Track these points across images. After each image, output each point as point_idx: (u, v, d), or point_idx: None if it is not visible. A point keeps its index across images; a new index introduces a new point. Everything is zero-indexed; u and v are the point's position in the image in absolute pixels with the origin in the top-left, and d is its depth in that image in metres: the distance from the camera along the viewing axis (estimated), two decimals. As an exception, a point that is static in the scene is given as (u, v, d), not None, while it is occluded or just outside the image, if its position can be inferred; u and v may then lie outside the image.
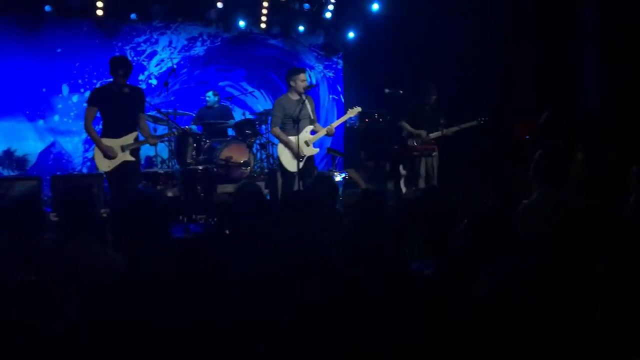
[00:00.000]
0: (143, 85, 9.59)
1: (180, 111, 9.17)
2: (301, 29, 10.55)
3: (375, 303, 2.34)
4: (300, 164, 6.81)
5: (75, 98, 9.58)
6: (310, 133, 6.96)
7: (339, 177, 8.47)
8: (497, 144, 8.61)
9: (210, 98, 9.37)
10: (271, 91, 10.59)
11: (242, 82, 10.60)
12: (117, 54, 8.05)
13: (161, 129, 8.68)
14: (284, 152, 6.88)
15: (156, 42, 10.07)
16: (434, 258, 3.13)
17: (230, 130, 9.30)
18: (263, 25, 10.27)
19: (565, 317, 2.28)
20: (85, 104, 6.61)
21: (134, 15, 9.63)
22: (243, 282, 2.51)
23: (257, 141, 9.16)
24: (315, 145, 7.04)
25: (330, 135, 7.28)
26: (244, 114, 9.82)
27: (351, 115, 7.60)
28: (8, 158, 9.27)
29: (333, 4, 10.18)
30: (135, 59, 9.74)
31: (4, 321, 2.40)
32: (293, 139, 6.81)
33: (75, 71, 9.55)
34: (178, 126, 7.81)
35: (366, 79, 10.34)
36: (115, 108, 6.23)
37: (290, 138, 6.83)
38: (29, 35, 9.17)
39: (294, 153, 6.81)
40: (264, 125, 9.21)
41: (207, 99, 9.40)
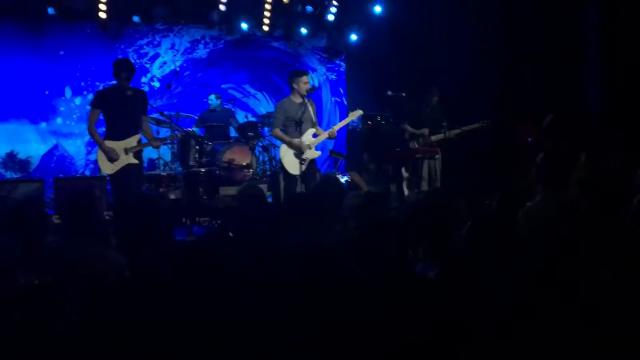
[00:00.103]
0: (146, 88, 9.58)
1: (182, 113, 9.17)
2: (304, 31, 10.56)
3: (379, 304, 2.33)
4: (303, 167, 6.81)
5: (78, 100, 9.59)
6: (312, 136, 6.96)
7: (341, 180, 8.46)
8: (500, 146, 8.61)
9: (212, 101, 9.38)
10: (273, 94, 10.60)
11: (245, 85, 10.61)
12: (120, 57, 8.02)
13: (164, 132, 8.69)
14: (287, 155, 6.88)
15: (159, 45, 10.08)
16: (437, 260, 3.12)
17: (232, 132, 9.30)
18: (266, 27, 10.29)
19: (568, 320, 2.28)
20: (88, 107, 6.62)
21: (136, 18, 9.63)
22: (246, 285, 2.51)
23: (260, 143, 9.15)
24: (317, 148, 7.04)
25: (332, 139, 7.29)
26: (246, 117, 9.84)
27: (353, 118, 7.61)
28: (11, 160, 9.28)
29: (335, 6, 10.18)
30: (138, 61, 9.75)
31: (8, 324, 2.40)
32: (295, 140, 6.82)
33: (78, 74, 9.56)
34: (181, 128, 7.81)
35: (369, 81, 10.34)
36: (118, 110, 6.23)
37: (291, 138, 6.84)
38: (32, 38, 9.18)
39: (296, 154, 6.81)
40: (266, 128, 9.22)
41: (210, 102, 9.41)
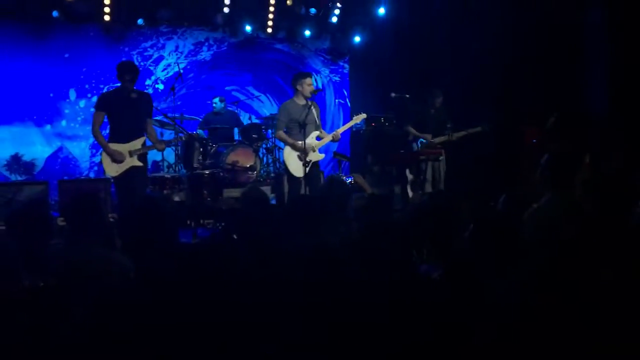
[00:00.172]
0: (150, 90, 9.61)
1: (186, 116, 9.19)
2: (307, 33, 10.57)
3: (383, 306, 2.33)
4: (306, 169, 6.81)
5: (82, 103, 9.61)
6: (316, 139, 6.96)
7: (346, 181, 8.47)
8: (503, 148, 8.60)
9: (217, 104, 9.40)
10: (277, 95, 10.61)
11: (249, 87, 10.62)
12: (124, 59, 8.06)
13: (168, 134, 8.70)
14: (290, 157, 6.88)
15: (163, 47, 10.09)
16: (441, 261, 3.13)
17: (236, 134, 9.31)
18: (269, 29, 10.30)
19: (571, 322, 2.27)
20: (92, 109, 6.64)
21: (140, 21, 9.64)
22: (250, 286, 2.51)
23: (264, 145, 9.17)
24: (320, 151, 7.04)
25: (335, 141, 7.29)
26: (250, 119, 9.84)
27: (357, 122, 7.62)
28: (16, 163, 9.29)
29: (339, 8, 10.19)
30: (142, 64, 9.77)
31: (12, 326, 2.41)
32: (299, 142, 6.82)
33: (82, 76, 9.57)
34: (185, 131, 7.82)
35: (372, 83, 10.34)
36: (122, 113, 6.25)
37: (295, 141, 6.84)
38: (37, 41, 9.19)
39: (300, 156, 6.81)
40: (270, 130, 9.22)
41: (214, 105, 9.43)
